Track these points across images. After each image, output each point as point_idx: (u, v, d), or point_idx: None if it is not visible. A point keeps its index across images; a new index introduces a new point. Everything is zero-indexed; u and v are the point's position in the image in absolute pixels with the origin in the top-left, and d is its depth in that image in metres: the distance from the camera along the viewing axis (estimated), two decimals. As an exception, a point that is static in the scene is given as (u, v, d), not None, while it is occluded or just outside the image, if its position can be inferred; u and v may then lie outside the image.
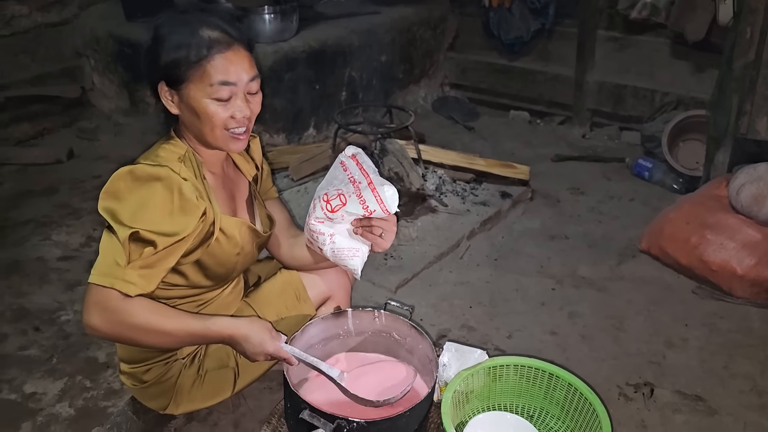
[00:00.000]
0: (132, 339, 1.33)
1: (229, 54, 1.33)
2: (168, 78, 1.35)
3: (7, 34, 3.86)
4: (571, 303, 2.42)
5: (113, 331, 1.29)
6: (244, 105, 1.36)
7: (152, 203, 1.28)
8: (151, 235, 1.26)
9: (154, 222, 1.28)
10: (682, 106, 3.45)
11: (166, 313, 1.33)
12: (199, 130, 1.38)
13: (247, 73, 1.36)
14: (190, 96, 1.34)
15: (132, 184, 1.29)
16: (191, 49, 1.31)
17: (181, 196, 1.31)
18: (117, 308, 1.26)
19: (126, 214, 1.27)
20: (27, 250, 2.75)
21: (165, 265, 1.32)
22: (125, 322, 1.28)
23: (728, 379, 2.05)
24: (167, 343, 1.39)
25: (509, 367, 1.56)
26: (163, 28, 1.37)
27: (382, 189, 1.41)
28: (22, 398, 1.98)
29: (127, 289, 1.26)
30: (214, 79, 1.32)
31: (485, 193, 3.04)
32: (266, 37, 3.30)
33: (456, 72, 4.39)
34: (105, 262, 1.28)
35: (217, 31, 1.34)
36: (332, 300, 1.70)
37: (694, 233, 2.46)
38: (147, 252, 1.27)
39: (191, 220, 1.32)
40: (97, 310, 1.26)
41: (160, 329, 1.31)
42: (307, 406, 1.32)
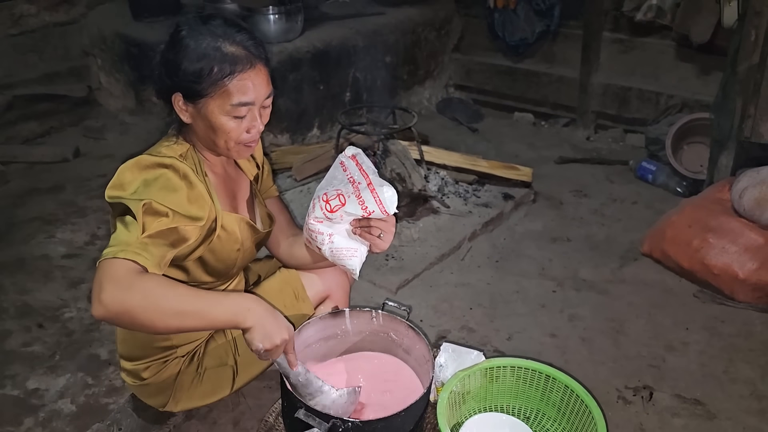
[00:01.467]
0: (144, 312, 1.17)
1: (251, 74, 1.33)
2: (185, 91, 1.34)
3: (15, 33, 3.90)
4: (571, 305, 2.42)
5: (126, 305, 1.15)
6: (258, 120, 1.38)
7: (160, 183, 1.28)
8: (164, 207, 1.24)
9: (165, 198, 1.26)
10: (687, 108, 3.45)
11: (181, 285, 1.24)
12: (212, 141, 1.39)
13: (265, 91, 1.37)
14: (207, 111, 1.34)
15: (138, 172, 1.30)
16: (213, 66, 1.30)
17: (188, 183, 1.32)
18: (130, 278, 1.16)
19: (137, 192, 1.26)
20: (32, 248, 2.78)
21: (180, 241, 1.27)
22: (138, 291, 1.15)
23: (728, 384, 2.04)
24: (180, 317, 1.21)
25: (506, 368, 1.57)
26: (183, 32, 1.33)
27: (381, 190, 1.42)
28: (25, 394, 2.00)
29: (141, 260, 1.18)
30: (234, 99, 1.33)
31: (487, 195, 3.05)
32: (271, 37, 3.32)
33: (460, 73, 4.39)
34: (118, 239, 1.21)
35: (240, 47, 1.33)
36: (331, 299, 1.71)
37: (696, 236, 2.46)
38: (161, 222, 1.23)
39: (202, 210, 1.33)
40: (109, 281, 1.15)
41: (175, 295, 1.19)
42: (303, 406, 1.33)
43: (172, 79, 1.35)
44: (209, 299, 1.25)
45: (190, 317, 1.22)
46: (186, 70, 1.32)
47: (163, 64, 1.36)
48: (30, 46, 3.95)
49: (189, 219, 1.29)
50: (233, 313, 1.25)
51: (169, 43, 1.35)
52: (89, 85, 4.13)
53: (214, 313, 1.24)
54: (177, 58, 1.33)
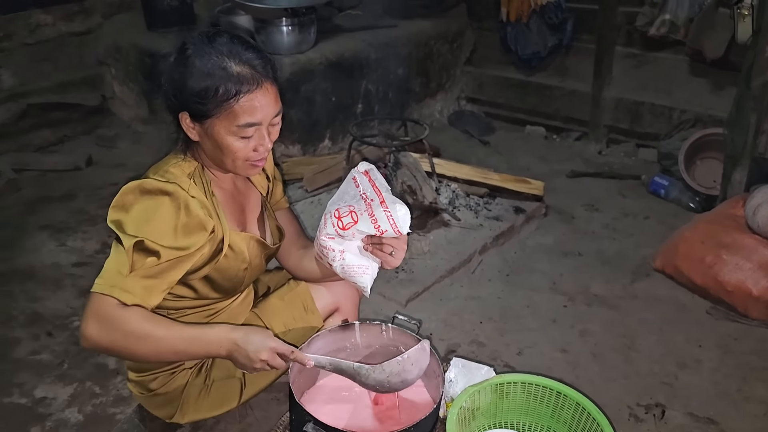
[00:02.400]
0: (126, 348, 1.27)
1: (258, 94, 1.30)
2: (192, 110, 1.33)
3: (31, 42, 3.94)
4: (582, 321, 2.40)
5: (107, 340, 1.24)
6: (266, 138, 1.36)
7: (158, 216, 1.28)
8: (156, 245, 1.26)
9: (159, 234, 1.27)
10: (700, 123, 3.42)
11: (161, 321, 1.30)
12: (220, 160, 1.38)
13: (272, 110, 1.34)
14: (214, 131, 1.33)
15: (140, 197, 1.30)
16: (219, 86, 1.28)
17: (188, 213, 1.31)
18: (112, 315, 1.23)
19: (132, 225, 1.27)
20: (43, 256, 2.79)
21: (169, 278, 1.31)
22: (119, 329, 1.23)
23: (742, 403, 2.01)
24: (161, 352, 1.31)
25: (516, 384, 1.55)
26: (189, 51, 1.31)
27: (394, 208, 1.41)
28: (32, 402, 2.00)
29: (125, 298, 1.24)
30: (241, 120, 1.30)
31: (499, 208, 3.03)
32: (284, 48, 3.33)
33: (473, 86, 4.39)
34: (107, 271, 1.27)
35: (247, 67, 1.30)
36: (340, 312, 1.70)
37: (710, 253, 2.43)
38: (150, 262, 1.26)
39: (198, 239, 1.33)
40: (93, 318, 1.24)
41: (154, 336, 1.26)
42: (312, 419, 1.32)
43: (178, 98, 1.33)
44: (186, 339, 1.31)
45: (169, 355, 1.35)
46: (192, 90, 1.29)
47: (170, 83, 1.33)
48: (45, 56, 3.99)
49: (180, 250, 1.30)
50: (206, 352, 1.35)
51: (175, 61, 1.32)
52: (103, 94, 4.16)
53: (190, 352, 1.34)
54: (183, 78, 1.30)
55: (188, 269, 1.35)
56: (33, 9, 3.90)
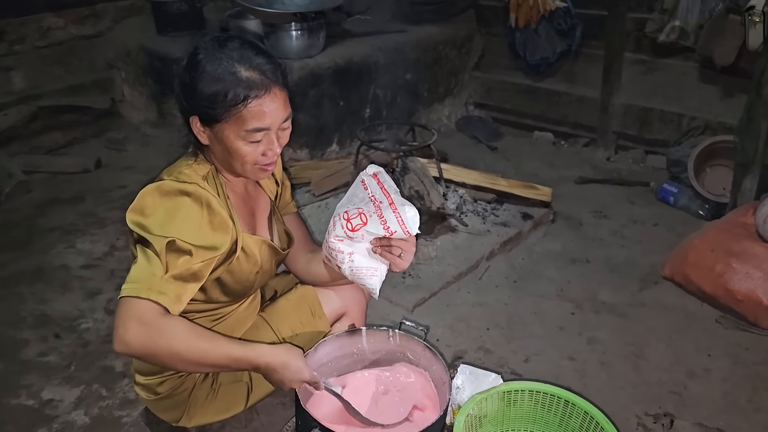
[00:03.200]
0: (168, 358, 1.24)
1: (266, 99, 1.31)
2: (201, 114, 1.33)
3: (43, 45, 3.97)
4: (590, 328, 2.38)
5: (150, 347, 1.20)
6: (275, 143, 1.36)
7: (182, 215, 1.28)
8: (187, 245, 1.25)
9: (187, 233, 1.27)
10: (710, 130, 3.41)
11: (205, 335, 1.28)
12: (229, 163, 1.39)
13: (282, 115, 1.35)
14: (223, 135, 1.33)
15: (160, 199, 1.30)
16: (228, 91, 1.28)
17: (211, 211, 1.31)
18: (157, 323, 1.20)
19: (157, 226, 1.26)
20: (51, 258, 2.80)
21: (199, 279, 1.29)
22: (164, 338, 1.21)
23: (752, 413, 1.99)
24: (202, 365, 1.30)
25: (524, 392, 1.54)
26: (200, 56, 1.31)
27: (403, 210, 1.41)
28: (40, 404, 2.01)
29: (165, 302, 1.22)
30: (249, 125, 1.31)
31: (506, 214, 3.02)
32: (293, 53, 3.34)
33: (481, 91, 4.39)
34: (140, 274, 1.23)
35: (256, 72, 1.30)
36: (347, 316, 1.70)
37: (719, 261, 2.42)
38: (183, 262, 1.25)
39: (224, 237, 1.33)
40: (135, 323, 1.19)
41: (199, 350, 1.25)
42: (318, 425, 1.32)
43: (189, 102, 1.34)
44: (230, 357, 1.30)
45: (210, 366, 1.33)
46: (201, 94, 1.30)
47: (180, 87, 1.34)
48: (56, 58, 4.02)
49: (211, 250, 1.30)
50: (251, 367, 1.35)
51: (186, 65, 1.33)
52: (113, 97, 4.19)
53: (231, 368, 1.35)
54: (193, 82, 1.31)
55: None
56: (45, 12, 3.94)
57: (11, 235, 2.99)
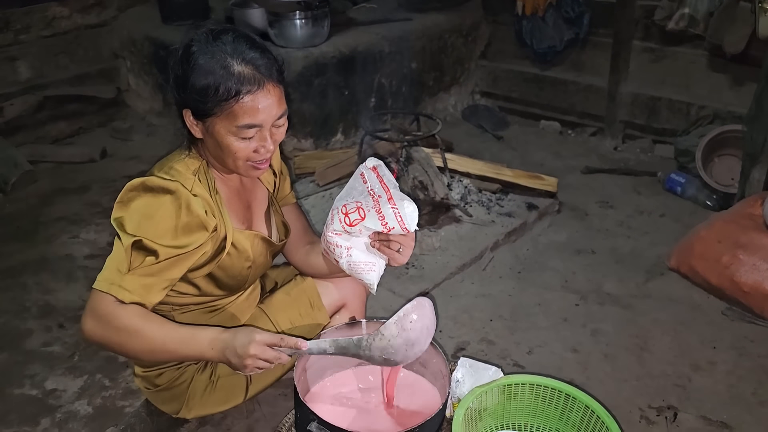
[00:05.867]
0: (118, 344, 1.29)
1: (259, 95, 1.28)
2: (193, 108, 1.32)
3: (48, 34, 3.97)
4: (594, 320, 2.37)
5: (102, 336, 1.27)
6: (268, 140, 1.34)
7: (159, 215, 1.29)
8: (154, 245, 1.27)
9: (157, 233, 1.28)
10: (719, 120, 3.36)
11: (155, 320, 1.31)
12: (221, 159, 1.37)
13: (275, 112, 1.32)
14: (214, 130, 1.32)
15: (142, 195, 1.30)
16: (219, 85, 1.26)
17: (188, 212, 1.31)
18: (107, 312, 1.26)
19: (132, 223, 1.28)
20: (56, 247, 2.81)
21: (168, 275, 1.31)
22: (112, 325, 1.26)
23: (756, 407, 1.98)
24: (153, 351, 1.31)
25: (524, 385, 1.53)
26: (193, 48, 1.30)
27: (401, 205, 1.39)
28: (43, 394, 2.02)
29: (123, 296, 1.26)
30: (240, 121, 1.29)
31: (511, 204, 3.00)
32: (297, 42, 3.32)
33: (487, 80, 4.35)
34: (108, 268, 1.29)
35: (249, 67, 1.28)
36: (346, 308, 1.69)
37: (726, 252, 2.39)
38: (148, 261, 1.27)
39: (197, 237, 1.32)
40: (90, 314, 1.27)
41: (145, 333, 1.27)
42: (316, 418, 1.31)
43: (181, 95, 1.32)
44: (177, 339, 1.31)
45: (161, 354, 1.35)
46: (193, 87, 1.29)
47: (174, 79, 1.33)
48: (61, 48, 4.01)
49: (179, 249, 1.31)
50: (199, 353, 1.33)
51: (180, 57, 1.32)
52: (118, 86, 4.19)
53: (182, 352, 1.34)
54: (185, 75, 1.30)
55: (190, 267, 1.35)
56: (49, 1, 3.93)
57: (17, 225, 3.00)
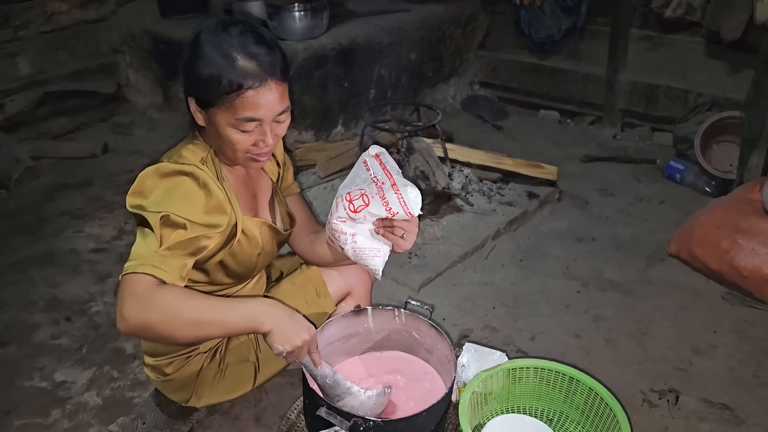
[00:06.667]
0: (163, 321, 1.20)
1: (261, 91, 1.29)
2: (197, 97, 1.34)
3: (47, 30, 3.97)
4: (596, 306, 2.39)
5: (144, 317, 1.18)
6: (268, 135, 1.35)
7: (180, 193, 1.29)
8: (182, 219, 1.26)
9: (183, 209, 1.27)
10: (717, 107, 3.38)
11: (199, 295, 1.27)
12: (221, 149, 1.39)
13: (276, 108, 1.33)
14: (215, 120, 1.33)
15: (159, 180, 1.31)
16: (222, 77, 1.27)
17: (207, 192, 1.32)
18: (148, 292, 1.19)
19: (154, 203, 1.27)
20: (61, 242, 2.83)
21: (195, 253, 1.29)
22: (155, 302, 1.19)
23: (757, 389, 2.00)
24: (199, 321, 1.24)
25: (529, 369, 1.55)
26: (202, 36, 1.31)
27: (405, 191, 1.41)
28: (53, 386, 2.04)
29: (158, 273, 1.21)
30: (240, 114, 1.30)
31: (512, 193, 3.02)
32: (296, 34, 3.33)
33: (486, 70, 4.36)
34: (137, 252, 1.24)
35: (254, 62, 1.29)
36: (352, 296, 1.71)
37: (725, 237, 2.41)
38: (177, 235, 1.25)
39: (221, 218, 1.34)
40: (129, 297, 1.18)
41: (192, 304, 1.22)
42: (325, 404, 1.34)
43: (187, 82, 1.35)
44: (225, 307, 1.27)
45: (208, 327, 1.26)
46: (198, 76, 1.30)
47: (183, 66, 1.35)
48: (61, 43, 4.02)
49: (207, 228, 1.30)
50: (249, 319, 1.28)
51: (189, 46, 1.33)
52: (118, 81, 4.19)
53: (230, 320, 1.27)
54: (192, 63, 1.31)
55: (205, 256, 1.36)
56: (48, -3, 3.93)
57: (21, 221, 3.02)
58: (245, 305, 1.29)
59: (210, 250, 1.35)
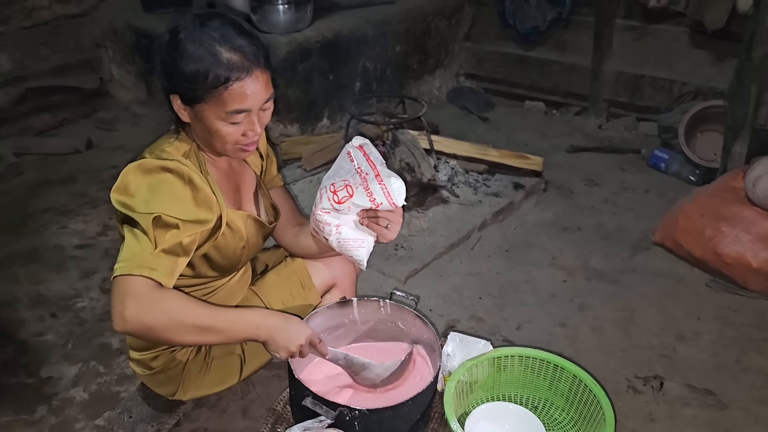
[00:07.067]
0: (167, 327, 1.24)
1: (247, 81, 1.30)
2: (182, 94, 1.33)
3: (28, 25, 3.92)
4: (581, 295, 2.41)
5: (149, 320, 1.21)
6: (256, 123, 1.36)
7: (165, 190, 1.29)
8: (173, 219, 1.26)
9: (171, 208, 1.27)
10: (701, 96, 3.40)
11: (201, 303, 1.30)
12: (210, 143, 1.39)
13: (263, 96, 1.34)
14: (203, 115, 1.33)
15: (142, 177, 1.30)
16: (209, 72, 1.27)
17: (193, 187, 1.32)
18: (150, 294, 1.21)
19: (142, 204, 1.27)
20: (45, 238, 2.80)
21: (188, 252, 1.30)
22: (160, 306, 1.21)
23: (740, 374, 2.03)
24: (202, 330, 1.28)
25: (514, 357, 1.56)
26: (181, 35, 1.30)
27: (389, 181, 1.42)
28: (39, 382, 2.03)
29: (158, 277, 1.22)
30: (230, 107, 1.30)
31: (498, 185, 3.03)
32: (280, 27, 3.31)
33: (471, 62, 4.36)
34: (130, 252, 1.23)
35: (238, 54, 1.29)
36: (337, 288, 1.71)
37: (709, 225, 2.43)
38: (171, 236, 1.25)
39: (209, 212, 1.34)
40: (131, 299, 1.19)
41: (196, 315, 1.26)
42: (310, 394, 1.34)
43: (170, 81, 1.33)
44: (226, 319, 1.32)
45: (208, 334, 1.31)
46: (182, 74, 1.29)
47: (161, 66, 1.34)
48: (42, 39, 3.97)
49: (197, 224, 1.31)
50: (246, 332, 1.35)
51: (167, 43, 1.32)
52: (101, 76, 4.16)
53: (230, 331, 1.33)
54: (173, 62, 1.30)
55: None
56: (28, -9, 3.89)
57: (4, 217, 2.99)
58: (245, 317, 1.35)
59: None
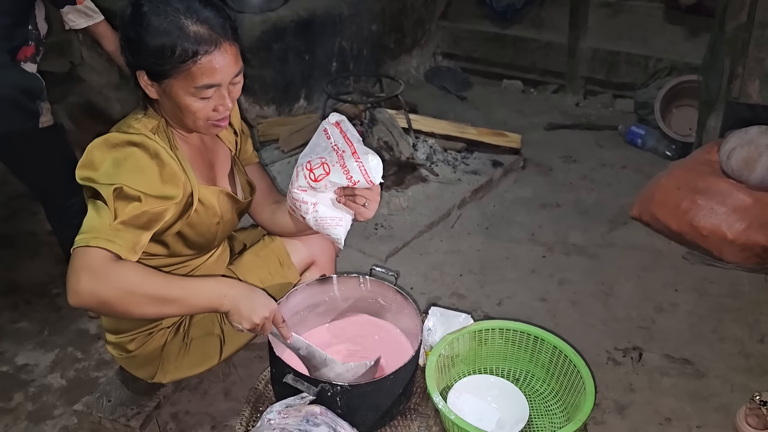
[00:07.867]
0: (121, 299, 1.18)
1: (216, 55, 1.25)
2: (149, 70, 1.28)
3: (-7, 8, 3.81)
4: (561, 270, 2.42)
5: (102, 292, 1.16)
6: (227, 98, 1.32)
7: (130, 164, 1.25)
8: (135, 191, 1.22)
9: (135, 181, 1.23)
10: (676, 71, 3.43)
11: (157, 273, 1.25)
12: (180, 119, 1.35)
13: (232, 70, 1.30)
14: (172, 91, 1.29)
15: (108, 151, 1.26)
16: (176, 46, 1.22)
17: (159, 162, 1.28)
18: (105, 267, 1.16)
19: (105, 176, 1.23)
20: (17, 225, 2.75)
21: (150, 227, 1.27)
22: (113, 277, 1.16)
23: (716, 343, 2.06)
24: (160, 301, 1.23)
25: (494, 330, 1.56)
26: (144, 8, 1.25)
27: (366, 158, 1.39)
28: (14, 370, 2.00)
29: (112, 248, 1.18)
30: (199, 82, 1.26)
31: (477, 162, 3.03)
32: (254, 6, 3.25)
33: (448, 41, 4.34)
34: (90, 225, 1.20)
35: (205, 26, 1.24)
36: (316, 266, 1.70)
37: (685, 199, 2.46)
38: (132, 208, 1.21)
39: (175, 188, 1.30)
40: (84, 271, 1.15)
41: (152, 284, 1.21)
42: (291, 371, 1.33)
43: (135, 57, 1.29)
44: (184, 287, 1.27)
45: (166, 305, 1.25)
46: (147, 49, 1.25)
47: (125, 41, 1.29)
48: (9, 22, 3.87)
49: (161, 199, 1.27)
50: (208, 299, 1.28)
51: (130, 17, 1.26)
52: (71, 60, 4.06)
53: (190, 300, 1.27)
54: (138, 36, 1.25)
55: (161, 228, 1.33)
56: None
57: (-26, 205, 2.93)
58: (205, 285, 1.29)
59: (167, 222, 1.32)
